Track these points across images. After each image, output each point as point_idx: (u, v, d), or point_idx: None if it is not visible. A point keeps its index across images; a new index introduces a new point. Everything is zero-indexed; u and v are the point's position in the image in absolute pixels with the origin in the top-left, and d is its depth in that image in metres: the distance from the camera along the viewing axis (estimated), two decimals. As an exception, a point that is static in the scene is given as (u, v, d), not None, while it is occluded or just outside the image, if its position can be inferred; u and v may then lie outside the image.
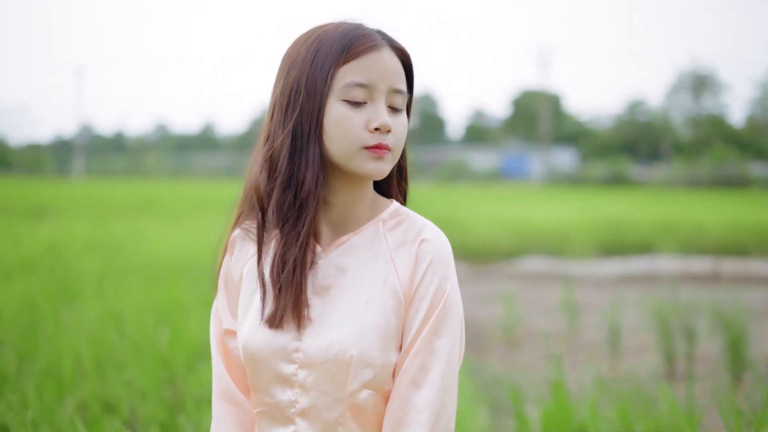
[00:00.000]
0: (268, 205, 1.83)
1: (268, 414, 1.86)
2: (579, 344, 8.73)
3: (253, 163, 1.87)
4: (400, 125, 1.84)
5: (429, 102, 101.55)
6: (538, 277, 14.66)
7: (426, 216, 1.93)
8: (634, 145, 70.59)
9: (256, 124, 59.48)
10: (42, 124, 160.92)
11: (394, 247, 1.86)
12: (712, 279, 14.08)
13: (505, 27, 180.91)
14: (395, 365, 1.82)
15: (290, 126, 1.80)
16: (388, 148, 1.81)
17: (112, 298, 7.24)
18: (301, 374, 1.81)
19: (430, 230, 1.88)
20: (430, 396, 1.78)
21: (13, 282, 7.94)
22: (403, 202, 1.99)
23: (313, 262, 1.85)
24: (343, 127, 1.78)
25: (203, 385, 4.67)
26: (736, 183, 48.19)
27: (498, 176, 69.87)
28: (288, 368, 1.82)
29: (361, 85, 1.78)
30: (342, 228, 1.89)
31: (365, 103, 1.80)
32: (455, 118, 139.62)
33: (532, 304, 11.16)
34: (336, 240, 1.89)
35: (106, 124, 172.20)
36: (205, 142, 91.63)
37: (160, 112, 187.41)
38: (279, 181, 1.81)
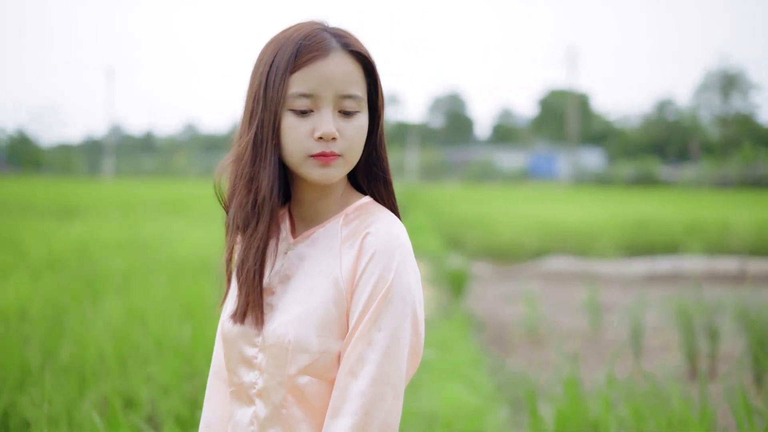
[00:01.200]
0: (230, 204, 1.93)
1: (236, 394, 1.96)
2: (602, 344, 8.73)
3: (225, 161, 1.96)
4: (352, 129, 1.85)
5: (457, 102, 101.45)
6: (563, 276, 14.64)
7: (452, 215, 1.99)
8: (663, 144, 70.22)
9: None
10: (72, 124, 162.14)
11: (344, 239, 1.91)
12: (739, 279, 14.02)
13: (532, 26, 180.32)
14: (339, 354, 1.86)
15: (251, 134, 1.87)
16: (334, 155, 1.84)
17: (137, 296, 7.31)
18: (260, 357, 1.90)
19: (380, 224, 1.89)
20: (363, 386, 1.79)
21: (42, 280, 8.03)
22: (387, 198, 2.02)
23: (277, 256, 1.96)
24: (290, 137, 1.84)
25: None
26: (766, 183, 47.79)
27: (525, 176, 69.69)
28: (250, 351, 1.92)
29: (304, 95, 1.83)
30: (311, 221, 1.97)
31: (311, 111, 1.84)
32: (483, 117, 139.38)
33: (556, 304, 11.16)
34: (305, 232, 1.97)
35: (136, 125, 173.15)
36: (233, 142, 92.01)
37: (190, 112, 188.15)
38: (241, 183, 1.89)
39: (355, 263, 1.86)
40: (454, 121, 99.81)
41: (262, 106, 1.85)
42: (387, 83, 2.02)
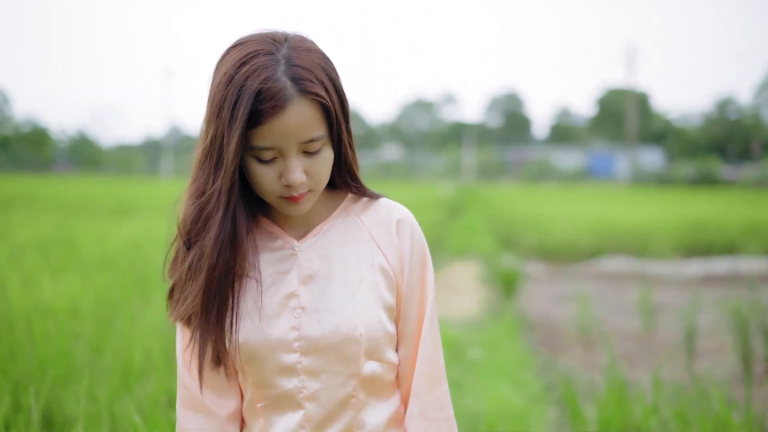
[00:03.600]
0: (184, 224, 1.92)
1: (274, 405, 1.95)
2: (655, 345, 8.62)
3: (185, 197, 1.93)
4: (318, 164, 1.87)
5: (514, 101, 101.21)
6: (618, 277, 14.50)
7: (508, 215, 2.03)
8: (723, 144, 69.34)
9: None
10: (132, 125, 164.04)
11: (371, 227, 2.01)
12: (798, 280, 13.77)
13: (591, 25, 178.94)
14: (399, 333, 2.01)
15: (211, 180, 1.85)
16: (303, 195, 1.88)
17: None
18: (305, 361, 1.91)
19: (400, 209, 2.03)
20: (440, 354, 2.03)
21: (94, 278, 8.13)
22: (361, 187, 2.05)
23: (273, 263, 1.98)
24: (257, 181, 1.86)
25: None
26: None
27: (584, 176, 69.30)
28: (290, 358, 1.91)
29: (267, 149, 1.82)
30: (307, 222, 2.01)
31: (276, 158, 1.84)
32: (541, 117, 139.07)
33: (610, 305, 11.06)
34: (308, 232, 2.00)
35: (193, 125, 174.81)
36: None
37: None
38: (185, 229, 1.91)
39: (398, 249, 1.99)
40: (512, 121, 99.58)
41: (222, 154, 1.82)
42: (436, 84, 1.96)
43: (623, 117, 73.32)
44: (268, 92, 1.78)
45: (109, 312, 6.53)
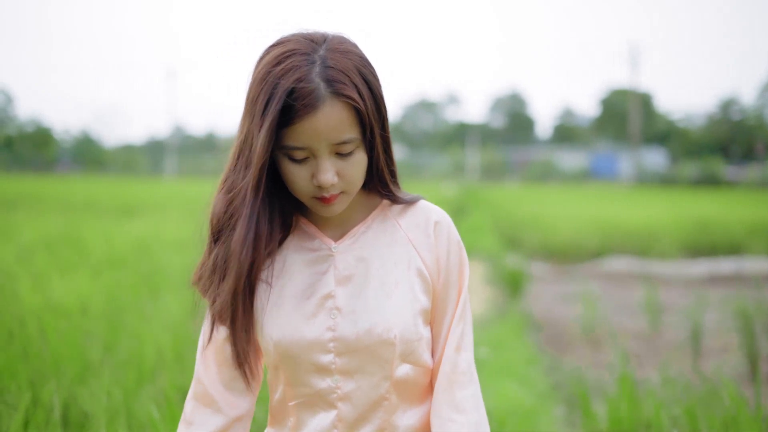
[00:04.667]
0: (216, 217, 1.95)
1: (307, 404, 1.95)
2: (660, 344, 8.65)
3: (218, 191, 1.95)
4: (350, 167, 1.86)
5: (518, 101, 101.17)
6: (622, 277, 14.52)
7: (512, 215, 2.03)
8: (727, 144, 69.31)
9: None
10: (135, 125, 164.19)
11: (408, 229, 2.00)
12: (803, 280, 13.78)
13: (594, 25, 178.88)
14: (433, 335, 2.01)
15: (241, 176, 1.88)
16: (336, 196, 1.87)
17: (195, 293, 7.40)
18: (340, 361, 1.91)
19: (437, 211, 2.02)
20: (470, 357, 2.00)
21: (102, 276, 8.17)
22: (398, 189, 2.04)
23: (309, 263, 1.98)
24: (290, 180, 1.87)
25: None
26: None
27: (587, 176, 69.28)
28: (325, 358, 1.91)
29: (299, 149, 1.82)
30: (344, 224, 2.01)
31: (308, 158, 1.84)
32: (544, 117, 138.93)
33: (615, 304, 11.08)
34: (345, 233, 2.01)
35: (197, 125, 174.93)
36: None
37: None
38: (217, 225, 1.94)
39: (435, 251, 1.99)
40: (515, 121, 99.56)
41: (253, 152, 1.84)
42: (440, 85, 1.95)
43: (626, 117, 73.31)
44: (301, 92, 1.78)
45: (118, 310, 6.57)
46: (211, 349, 2.01)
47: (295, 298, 1.95)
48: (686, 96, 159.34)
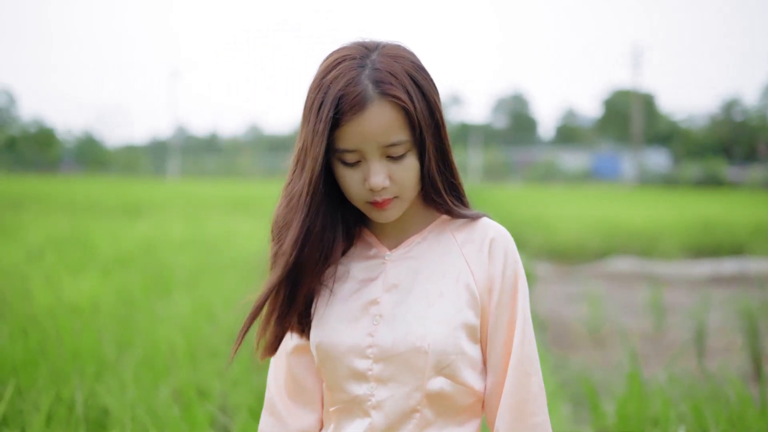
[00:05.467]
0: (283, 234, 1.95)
1: (345, 410, 1.95)
2: (665, 344, 8.71)
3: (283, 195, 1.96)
4: (402, 170, 1.86)
5: (520, 102, 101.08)
6: (626, 277, 14.56)
7: (515, 216, 2.03)
8: (729, 145, 69.26)
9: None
10: (137, 125, 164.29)
11: (463, 244, 1.97)
12: (806, 281, 13.81)
13: (597, 26, 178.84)
14: (486, 356, 1.96)
15: (300, 180, 1.89)
16: (389, 200, 1.87)
17: (204, 293, 7.47)
18: (376, 368, 1.90)
19: (495, 227, 1.98)
20: (539, 381, 1.94)
21: (111, 276, 8.24)
22: (461, 200, 2.03)
23: (363, 270, 1.99)
24: (344, 185, 1.88)
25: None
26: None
27: (589, 177, 69.26)
28: (362, 363, 1.90)
29: (349, 151, 1.83)
30: (401, 233, 2.01)
31: (360, 161, 1.85)
32: (546, 118, 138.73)
33: (619, 304, 11.12)
34: (402, 242, 2.00)
35: (200, 125, 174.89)
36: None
37: (253, 113, 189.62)
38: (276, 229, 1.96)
39: (488, 269, 1.94)
40: (518, 122, 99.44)
41: (310, 158, 1.85)
42: (442, 86, 1.98)
43: (629, 118, 73.27)
44: (350, 94, 1.80)
45: (129, 309, 6.64)
46: (281, 358, 2.06)
47: (342, 303, 1.96)
48: (689, 97, 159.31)
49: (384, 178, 1.84)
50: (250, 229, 15.22)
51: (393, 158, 1.85)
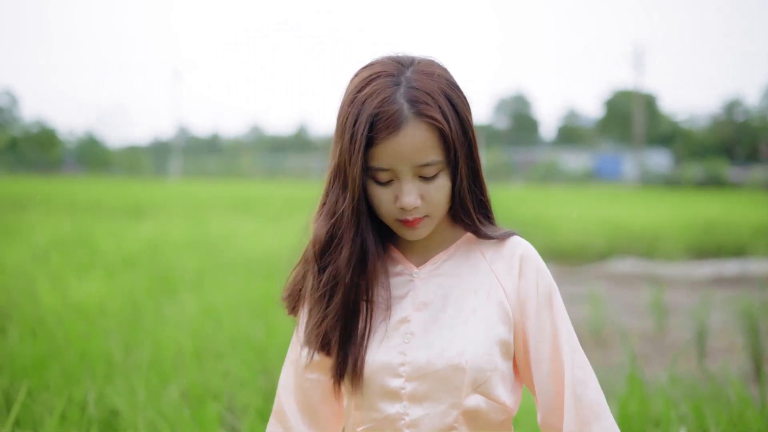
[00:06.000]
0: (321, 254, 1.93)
1: (375, 429, 1.92)
2: (666, 345, 8.74)
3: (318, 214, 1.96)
4: (434, 190, 1.86)
5: (522, 102, 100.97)
6: (628, 278, 14.58)
7: (516, 216, 2.05)
8: (731, 145, 69.16)
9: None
10: (139, 126, 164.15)
11: (492, 261, 1.98)
12: (807, 282, 13.83)
13: (598, 26, 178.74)
14: (533, 373, 1.95)
15: (341, 199, 1.88)
16: (419, 220, 1.87)
17: (210, 294, 7.51)
18: (410, 387, 1.88)
19: (523, 244, 2.01)
20: (596, 386, 1.94)
21: (116, 277, 8.29)
22: (489, 216, 2.05)
23: (391, 287, 1.97)
24: (376, 202, 1.88)
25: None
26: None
27: (591, 177, 69.14)
28: (395, 382, 1.89)
29: (383, 170, 1.83)
30: (428, 250, 2.00)
31: (392, 180, 1.85)
32: (548, 118, 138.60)
33: (621, 305, 11.15)
34: (429, 259, 1.99)
35: (201, 126, 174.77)
36: (299, 143, 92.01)
37: (255, 113, 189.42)
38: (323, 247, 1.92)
39: (519, 285, 1.95)
40: (519, 122, 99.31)
41: (345, 178, 1.86)
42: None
43: (630, 119, 73.16)
44: (385, 113, 1.80)
45: (135, 311, 6.69)
46: (291, 368, 2.04)
47: (369, 321, 1.93)
48: (690, 97, 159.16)
49: (416, 198, 1.84)
50: (252, 229, 15.27)
51: (425, 178, 1.85)
